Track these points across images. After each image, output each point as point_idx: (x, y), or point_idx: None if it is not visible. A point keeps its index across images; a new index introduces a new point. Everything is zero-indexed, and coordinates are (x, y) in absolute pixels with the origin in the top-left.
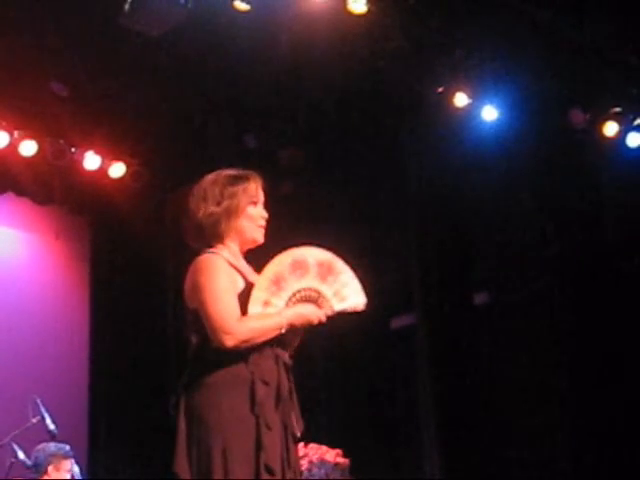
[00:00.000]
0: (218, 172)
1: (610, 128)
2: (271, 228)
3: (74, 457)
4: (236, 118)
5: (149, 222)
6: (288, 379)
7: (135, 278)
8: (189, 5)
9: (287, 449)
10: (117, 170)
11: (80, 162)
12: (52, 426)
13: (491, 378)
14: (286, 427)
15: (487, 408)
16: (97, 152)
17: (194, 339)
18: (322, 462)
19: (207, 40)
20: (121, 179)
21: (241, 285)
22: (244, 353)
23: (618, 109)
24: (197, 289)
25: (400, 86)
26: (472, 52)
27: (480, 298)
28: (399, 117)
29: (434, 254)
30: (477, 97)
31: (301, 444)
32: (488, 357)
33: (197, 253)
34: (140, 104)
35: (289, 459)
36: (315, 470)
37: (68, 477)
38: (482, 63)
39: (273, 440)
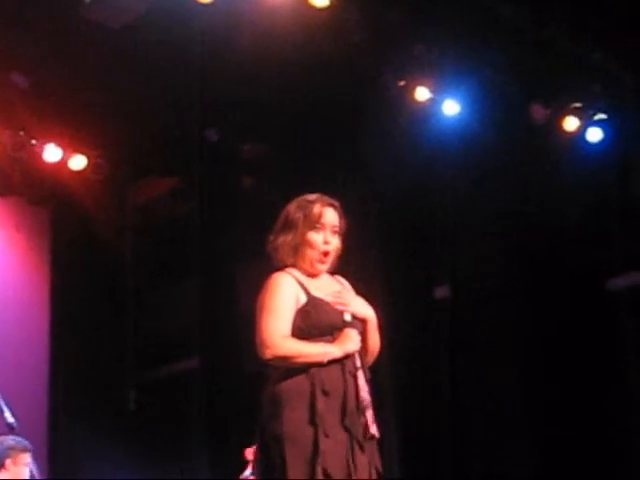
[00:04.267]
0: (294, 201)
1: (570, 123)
2: (232, 222)
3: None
4: (198, 111)
5: (110, 214)
6: (356, 386)
7: (95, 270)
8: None
9: (352, 455)
10: (78, 162)
11: (40, 154)
12: (11, 419)
13: (452, 372)
14: (351, 434)
15: (449, 402)
16: (58, 144)
17: None
18: None
19: (168, 33)
20: (82, 171)
21: (303, 300)
22: (303, 367)
23: (578, 104)
24: (258, 304)
25: (362, 79)
26: (433, 46)
27: (441, 292)
28: (361, 110)
29: (395, 248)
30: (438, 91)
31: None
32: (449, 350)
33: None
34: (101, 96)
35: (355, 465)
36: None
37: (26, 471)
38: (443, 57)
39: (334, 447)
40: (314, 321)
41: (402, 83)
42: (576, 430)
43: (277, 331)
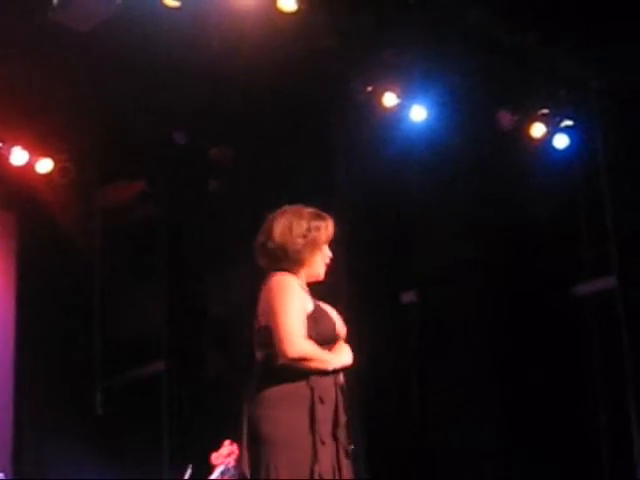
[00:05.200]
0: (299, 207)
1: (537, 129)
2: (200, 226)
3: None
4: (165, 115)
5: (77, 218)
6: (343, 397)
7: (63, 273)
8: (118, 1)
9: (338, 463)
10: (44, 166)
11: (7, 157)
12: None
13: (419, 377)
14: (338, 441)
15: (416, 408)
16: (24, 147)
17: (259, 355)
18: None
19: (136, 36)
20: (49, 175)
21: (310, 308)
22: (305, 372)
23: (545, 110)
24: (272, 304)
25: (330, 84)
26: (401, 51)
27: (407, 297)
28: (329, 115)
29: (362, 253)
30: (406, 97)
31: (228, 441)
32: (416, 356)
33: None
34: (68, 100)
35: (341, 472)
36: None
37: None
38: (411, 63)
39: (327, 454)
40: (321, 329)
41: (370, 88)
42: (544, 432)
43: (298, 331)
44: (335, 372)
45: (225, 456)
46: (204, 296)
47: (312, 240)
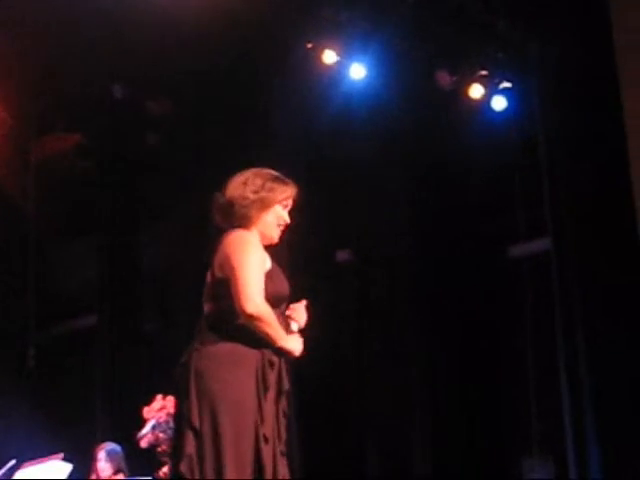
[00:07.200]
0: (263, 169)
1: (476, 91)
2: (137, 180)
3: None
4: (102, 68)
5: (13, 169)
6: (285, 364)
7: None
8: None
9: (277, 421)
10: None
11: None
12: None
13: (356, 335)
14: (282, 404)
15: (346, 367)
16: None
17: (209, 308)
18: None
19: None
20: None
21: (268, 265)
22: (255, 333)
23: (484, 72)
24: (231, 258)
25: (270, 40)
26: (341, 9)
27: (342, 256)
28: (268, 71)
29: (298, 210)
30: (345, 55)
31: (159, 396)
32: (352, 313)
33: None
34: (5, 50)
35: (279, 430)
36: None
37: None
38: (351, 21)
39: (272, 415)
40: (276, 288)
41: (310, 45)
42: (475, 390)
43: (258, 290)
44: (279, 351)
45: (157, 410)
46: (139, 250)
47: (262, 198)
